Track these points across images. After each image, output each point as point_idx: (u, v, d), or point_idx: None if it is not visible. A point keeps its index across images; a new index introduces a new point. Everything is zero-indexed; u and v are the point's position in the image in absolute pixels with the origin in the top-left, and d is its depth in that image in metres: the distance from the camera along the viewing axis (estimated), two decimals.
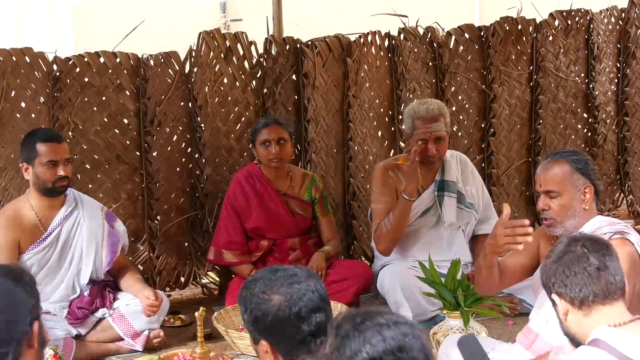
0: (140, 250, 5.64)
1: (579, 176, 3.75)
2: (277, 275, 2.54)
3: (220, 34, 5.70)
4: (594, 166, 3.86)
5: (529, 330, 3.58)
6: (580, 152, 3.94)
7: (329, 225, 5.59)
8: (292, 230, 5.46)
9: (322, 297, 2.51)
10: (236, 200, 5.40)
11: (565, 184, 3.75)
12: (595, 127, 6.97)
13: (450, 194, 5.39)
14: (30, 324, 2.30)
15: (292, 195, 5.48)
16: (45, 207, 4.74)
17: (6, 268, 2.37)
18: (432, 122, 5.19)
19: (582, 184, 3.75)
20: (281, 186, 5.47)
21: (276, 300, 2.48)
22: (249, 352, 4.63)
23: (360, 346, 1.95)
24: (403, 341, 1.95)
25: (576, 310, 2.74)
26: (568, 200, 3.74)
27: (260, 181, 5.42)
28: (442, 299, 4.29)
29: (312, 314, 2.48)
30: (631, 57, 7.01)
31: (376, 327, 1.97)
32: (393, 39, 6.17)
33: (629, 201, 7.22)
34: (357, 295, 5.31)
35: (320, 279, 2.59)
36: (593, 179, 3.77)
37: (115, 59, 5.43)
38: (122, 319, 4.79)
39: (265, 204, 5.41)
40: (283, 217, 5.43)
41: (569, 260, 2.76)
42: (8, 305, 2.27)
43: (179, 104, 5.63)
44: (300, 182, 5.53)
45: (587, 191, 3.75)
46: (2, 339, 2.24)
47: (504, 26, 6.45)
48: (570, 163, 3.77)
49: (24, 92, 5.19)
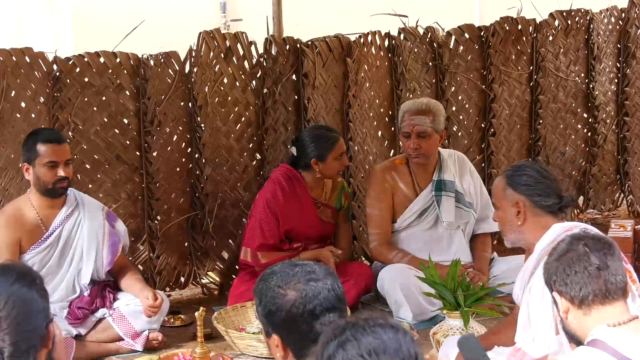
0: (140, 250, 5.64)
1: (511, 191, 3.80)
2: (295, 271, 2.49)
3: (220, 34, 5.70)
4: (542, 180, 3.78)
5: (516, 350, 3.59)
6: (525, 167, 3.88)
7: (346, 234, 5.61)
8: (316, 237, 5.45)
9: (338, 296, 2.46)
10: (276, 201, 5.29)
11: (499, 198, 3.86)
12: (595, 127, 6.97)
13: (448, 194, 5.40)
14: (47, 326, 2.29)
15: (325, 203, 5.48)
16: (46, 207, 4.74)
17: (17, 271, 2.32)
18: (416, 115, 5.21)
19: (514, 200, 3.78)
20: (317, 194, 5.45)
21: (291, 296, 2.44)
22: (249, 352, 4.63)
23: (333, 351, 1.95)
24: (376, 345, 1.93)
25: (576, 309, 2.74)
26: (503, 215, 3.84)
27: (300, 186, 5.37)
28: (442, 299, 4.28)
29: (326, 313, 2.43)
30: (631, 57, 7.01)
31: (353, 332, 1.96)
32: (393, 39, 6.17)
33: (629, 201, 7.22)
34: (358, 298, 5.31)
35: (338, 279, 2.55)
36: (528, 194, 3.76)
37: (115, 59, 5.43)
38: (122, 319, 4.79)
39: (303, 209, 5.36)
40: (315, 223, 5.41)
41: (570, 259, 2.76)
42: (27, 313, 2.24)
43: (179, 104, 5.62)
44: (332, 189, 5.52)
45: (519, 206, 3.77)
46: (24, 347, 2.22)
47: (504, 26, 6.45)
48: (505, 178, 3.84)
49: (24, 92, 5.18)
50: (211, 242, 5.77)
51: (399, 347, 1.95)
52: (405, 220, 5.42)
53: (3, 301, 2.23)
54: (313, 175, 5.35)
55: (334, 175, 5.37)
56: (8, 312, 2.22)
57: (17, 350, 2.20)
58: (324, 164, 5.29)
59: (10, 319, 2.21)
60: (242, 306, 5.03)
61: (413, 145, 5.23)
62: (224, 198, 5.76)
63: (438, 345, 4.18)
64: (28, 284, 2.29)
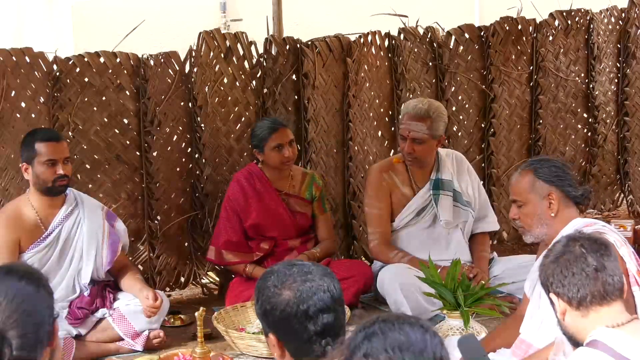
0: (140, 250, 5.64)
1: (542, 184, 3.78)
2: (292, 271, 2.50)
3: (220, 34, 5.70)
4: (567, 171, 3.83)
5: (521, 342, 3.59)
6: (548, 160, 3.92)
7: (325, 224, 5.58)
8: (292, 230, 5.45)
9: (333, 297, 2.46)
10: (235, 199, 5.38)
11: (528, 193, 3.81)
12: (595, 127, 6.97)
13: (445, 192, 5.40)
14: (52, 324, 2.32)
15: (293, 194, 5.47)
16: (45, 207, 4.75)
17: (23, 271, 2.36)
18: (413, 121, 5.20)
19: (546, 191, 3.77)
20: (283, 186, 5.46)
21: (285, 296, 2.45)
22: (249, 352, 4.63)
23: (360, 342, 1.96)
24: (402, 342, 1.95)
25: (574, 311, 2.74)
26: (532, 209, 3.80)
27: (261, 181, 5.41)
28: (442, 299, 4.28)
29: (320, 314, 2.43)
30: (631, 57, 7.01)
31: (382, 326, 1.98)
32: (393, 39, 6.17)
33: (629, 201, 7.22)
34: (357, 296, 5.31)
35: (336, 279, 2.55)
36: (560, 184, 3.77)
37: (115, 59, 5.43)
38: (122, 319, 4.79)
39: (264, 202, 5.39)
40: (283, 215, 5.42)
41: (567, 260, 2.76)
42: (34, 311, 2.28)
43: (179, 104, 5.63)
44: (300, 180, 5.52)
45: (552, 198, 3.76)
46: (31, 341, 2.25)
47: (504, 26, 6.45)
48: (534, 172, 3.81)
49: (24, 92, 5.19)
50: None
51: (424, 348, 1.96)
52: (404, 219, 5.42)
53: (11, 296, 2.26)
54: (277, 169, 5.36)
55: (277, 166, 5.34)
56: (16, 306, 2.25)
57: (25, 344, 2.23)
58: (263, 154, 5.33)
59: (18, 313, 2.24)
60: (242, 306, 5.03)
61: (407, 149, 5.25)
62: (223, 198, 5.76)
63: None
64: (34, 281, 2.33)
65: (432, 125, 5.20)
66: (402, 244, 5.41)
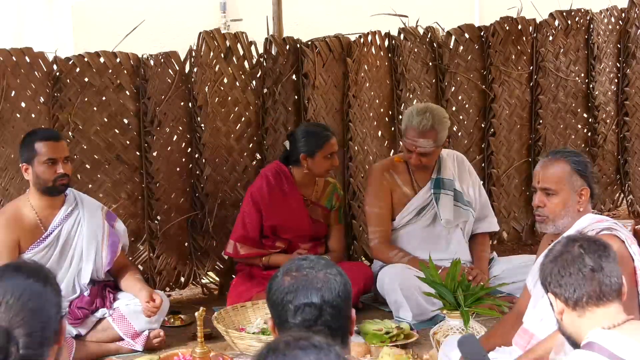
0: (140, 250, 5.64)
1: (578, 177, 3.75)
2: (302, 262, 2.52)
3: (220, 34, 5.70)
4: (592, 169, 3.86)
5: (524, 331, 3.58)
6: (581, 154, 3.93)
7: (338, 234, 5.59)
8: (308, 235, 5.45)
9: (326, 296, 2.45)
10: (261, 195, 5.34)
11: (563, 183, 3.75)
12: (595, 127, 6.97)
13: (446, 192, 5.41)
14: (59, 322, 2.33)
15: (316, 202, 5.48)
16: (45, 207, 4.75)
17: (31, 269, 2.36)
18: (420, 138, 5.18)
19: (580, 186, 3.75)
20: (308, 193, 5.45)
21: (280, 283, 2.48)
22: (249, 352, 4.63)
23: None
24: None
25: (570, 311, 2.74)
26: (563, 200, 3.75)
27: (289, 182, 5.38)
28: (442, 299, 4.28)
29: (304, 308, 2.42)
30: (631, 57, 7.01)
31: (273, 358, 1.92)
32: (393, 39, 6.17)
33: (629, 201, 7.22)
34: (357, 296, 5.30)
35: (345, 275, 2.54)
36: (590, 182, 3.77)
37: (115, 59, 5.43)
38: (122, 319, 4.79)
39: (289, 205, 5.37)
40: (304, 221, 5.41)
41: (565, 261, 2.76)
42: (41, 310, 2.28)
43: (179, 104, 5.63)
44: (323, 188, 5.52)
45: (583, 193, 3.75)
46: (38, 339, 2.25)
47: (504, 26, 6.45)
48: (571, 164, 3.76)
49: (24, 92, 5.19)
50: (211, 242, 5.78)
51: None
52: (404, 218, 5.43)
53: (18, 294, 2.26)
54: (302, 172, 5.35)
55: (322, 173, 5.37)
56: (23, 304, 2.25)
57: (32, 342, 2.23)
58: (312, 160, 5.29)
59: (25, 311, 2.25)
60: (242, 306, 5.03)
61: (414, 162, 5.27)
62: (224, 198, 5.77)
63: (438, 345, 4.18)
64: (42, 279, 2.33)
65: (437, 137, 5.21)
66: (402, 243, 5.41)
